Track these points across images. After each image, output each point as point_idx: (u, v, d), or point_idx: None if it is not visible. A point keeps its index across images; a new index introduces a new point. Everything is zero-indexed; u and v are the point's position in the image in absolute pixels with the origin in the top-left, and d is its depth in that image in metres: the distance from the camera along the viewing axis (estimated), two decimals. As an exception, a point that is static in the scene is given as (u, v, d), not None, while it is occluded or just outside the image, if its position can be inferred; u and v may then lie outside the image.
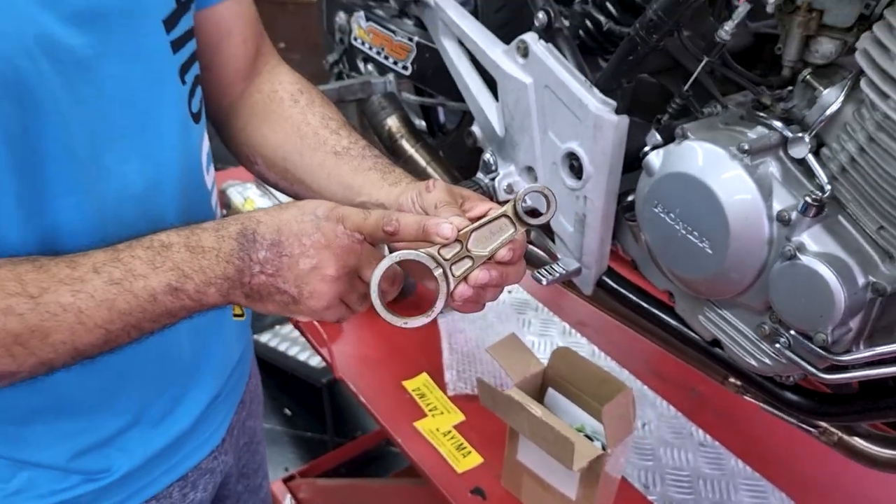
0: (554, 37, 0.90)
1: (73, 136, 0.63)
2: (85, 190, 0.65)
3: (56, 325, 0.58)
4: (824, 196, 0.71)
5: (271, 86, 0.84)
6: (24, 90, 0.58)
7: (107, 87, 0.64)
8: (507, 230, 0.62)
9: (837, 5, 0.71)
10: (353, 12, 1.28)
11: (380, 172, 0.76)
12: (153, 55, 0.68)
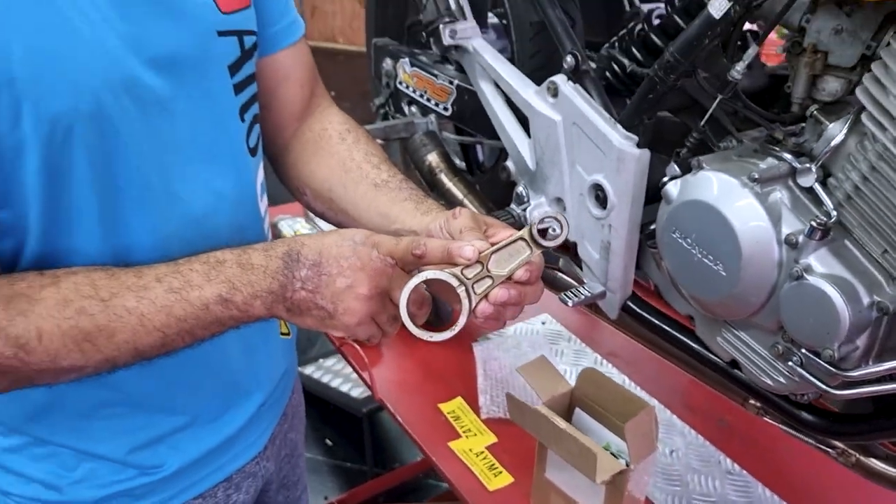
0: (581, 78, 0.98)
1: (147, 164, 0.71)
2: (155, 212, 0.74)
3: (121, 326, 0.66)
4: (830, 221, 0.76)
5: (321, 125, 0.93)
6: (107, 123, 0.67)
7: (178, 122, 0.73)
8: (523, 252, 0.69)
9: (840, 47, 0.77)
10: (398, 59, 1.38)
11: (414, 203, 0.83)
12: (218, 96, 0.77)
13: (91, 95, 0.65)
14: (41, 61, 0.62)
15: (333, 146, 0.91)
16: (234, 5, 0.76)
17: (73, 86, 0.64)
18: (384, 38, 1.49)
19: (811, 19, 0.78)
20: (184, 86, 0.72)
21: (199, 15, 0.73)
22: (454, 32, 1.13)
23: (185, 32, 0.72)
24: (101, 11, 0.65)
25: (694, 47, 0.84)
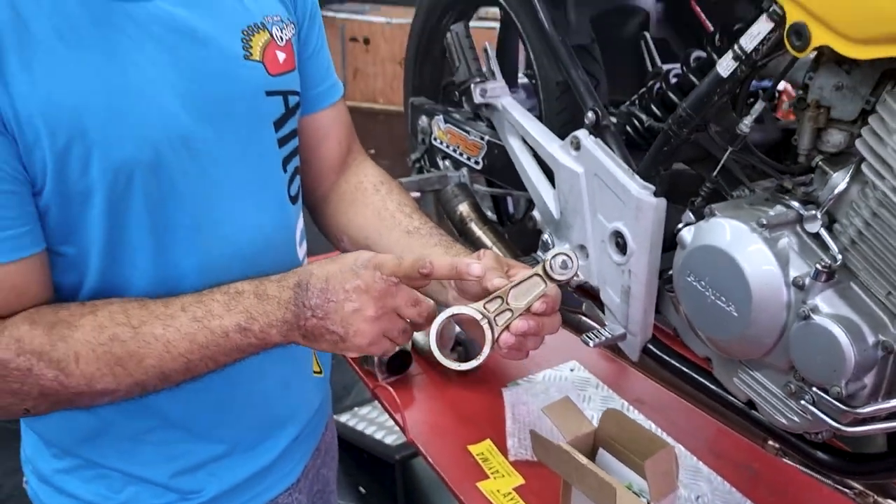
0: (602, 132, 1.04)
1: (198, 207, 0.79)
2: (204, 252, 0.80)
3: (149, 352, 0.72)
4: (835, 264, 0.80)
5: (357, 178, 1.00)
6: (164, 171, 0.75)
7: (227, 170, 0.80)
8: (539, 286, 0.75)
9: (842, 102, 0.82)
10: (433, 116, 1.47)
11: (443, 248, 0.89)
12: (264, 148, 0.84)
13: (151, 147, 0.73)
14: (109, 118, 0.70)
15: (368, 197, 0.98)
16: (280, 68, 0.84)
17: (136, 139, 0.72)
18: (420, 98, 1.58)
19: (813, 77, 0.83)
20: (234, 139, 0.80)
21: (250, 77, 0.81)
22: (484, 91, 1.21)
23: (237, 92, 0.79)
24: (163, 74, 0.73)
25: (704, 103, 0.90)
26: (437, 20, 1.54)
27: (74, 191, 0.71)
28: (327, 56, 0.97)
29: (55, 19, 0.68)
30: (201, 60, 0.76)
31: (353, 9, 5.11)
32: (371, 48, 5.05)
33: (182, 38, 0.75)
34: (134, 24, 0.72)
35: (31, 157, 0.69)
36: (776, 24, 0.81)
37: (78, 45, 0.69)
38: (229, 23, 0.79)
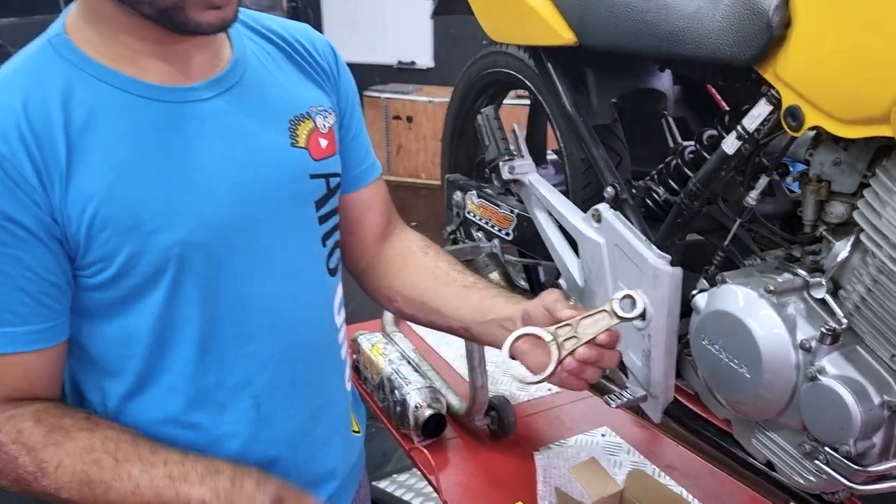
0: (621, 206, 1.12)
1: (244, 282, 0.85)
2: (246, 322, 0.86)
3: (118, 486, 0.78)
4: (839, 328, 0.85)
5: (403, 244, 1.07)
6: (214, 252, 0.82)
7: (271, 246, 0.86)
8: (606, 321, 0.82)
9: (841, 176, 0.88)
10: (467, 191, 1.56)
11: (504, 297, 0.96)
12: (306, 226, 0.91)
13: (203, 233, 0.80)
14: (164, 210, 0.78)
15: (419, 259, 1.05)
16: (323, 153, 0.92)
17: (189, 227, 0.79)
18: (455, 174, 1.68)
19: (814, 153, 0.90)
20: (279, 218, 0.87)
21: (296, 162, 0.89)
22: (512, 168, 1.30)
23: (284, 176, 0.87)
24: (216, 165, 0.81)
25: (713, 179, 0.97)
26: (471, 103, 1.65)
27: (130, 275, 0.78)
28: (366, 139, 1.06)
29: (123, 123, 0.77)
30: (252, 151, 0.84)
31: (396, 89, 5.34)
32: (414, 126, 5.25)
33: (235, 131, 0.83)
34: (193, 121, 0.80)
35: (89, 248, 0.76)
36: (774, 106, 0.88)
37: (141, 145, 0.77)
38: (278, 115, 0.87)
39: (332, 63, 0.97)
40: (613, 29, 1.07)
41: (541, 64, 1.29)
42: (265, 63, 0.89)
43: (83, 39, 0.78)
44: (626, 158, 1.33)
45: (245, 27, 0.90)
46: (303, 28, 0.97)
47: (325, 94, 0.94)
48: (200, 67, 0.82)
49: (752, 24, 0.86)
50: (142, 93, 0.78)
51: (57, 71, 0.76)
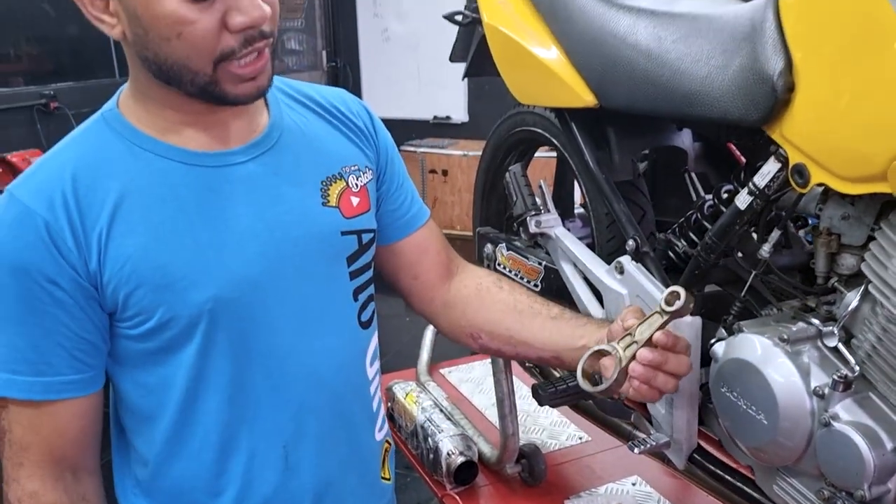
0: (642, 258, 1.16)
1: (275, 336, 0.90)
2: (278, 375, 0.91)
3: None
4: (852, 375, 0.88)
5: (474, 280, 1.10)
6: (246, 307, 0.87)
7: (303, 303, 0.91)
8: (658, 321, 0.86)
9: (850, 230, 0.92)
10: (497, 244, 1.63)
11: (595, 324, 1.00)
12: (337, 281, 0.96)
13: (234, 289, 0.86)
14: (196, 269, 0.83)
15: (495, 294, 1.08)
16: (355, 211, 0.96)
17: (221, 285, 0.85)
18: (486, 227, 1.74)
19: (823, 208, 0.94)
20: (310, 275, 0.92)
21: (327, 221, 0.93)
22: (539, 223, 1.36)
23: (314, 234, 0.92)
24: (248, 226, 0.87)
25: (727, 232, 1.02)
26: (501, 160, 1.73)
27: (166, 329, 0.84)
28: (412, 186, 1.10)
29: (163, 188, 0.84)
30: (282, 211, 0.89)
31: (432, 144, 5.48)
32: (449, 179, 5.36)
33: (267, 192, 0.89)
34: (228, 184, 0.86)
35: (127, 304, 0.83)
36: (782, 164, 0.93)
37: (178, 208, 0.84)
38: (310, 176, 0.93)
39: (368, 122, 1.03)
40: (631, 92, 1.13)
41: (565, 123, 1.36)
42: (301, 127, 0.95)
43: (132, 114, 0.86)
44: (650, 212, 1.39)
45: (283, 94, 0.97)
46: (338, 92, 1.04)
47: (361, 152, 0.99)
48: (238, 133, 0.89)
49: (758, 89, 0.92)
50: (182, 159, 0.85)
51: (107, 142, 0.84)
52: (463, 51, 1.69)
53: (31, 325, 0.81)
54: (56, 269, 0.80)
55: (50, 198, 0.80)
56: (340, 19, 5.85)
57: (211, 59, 0.78)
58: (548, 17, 1.32)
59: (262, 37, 0.80)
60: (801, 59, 0.88)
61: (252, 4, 0.77)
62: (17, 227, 0.80)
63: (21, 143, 3.55)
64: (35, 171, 0.84)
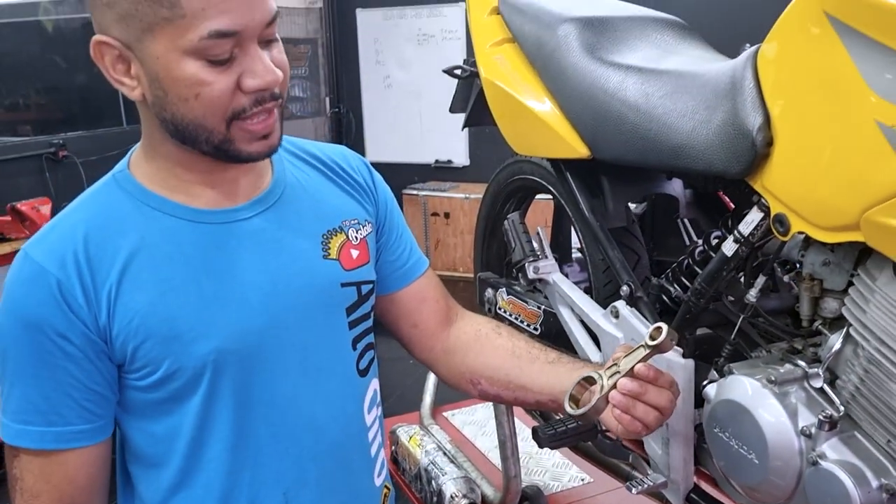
0: (636, 303, 1.21)
1: (276, 384, 0.92)
2: (279, 422, 0.93)
3: None
4: (837, 415, 0.91)
5: (473, 327, 1.13)
6: (248, 357, 0.90)
7: (304, 352, 0.94)
8: (641, 352, 0.89)
9: (831, 275, 0.97)
10: (498, 289, 1.67)
11: (591, 368, 1.00)
12: (336, 331, 0.98)
13: (237, 341, 0.89)
14: (201, 321, 0.87)
15: (494, 340, 1.10)
16: (354, 263, 0.98)
17: (224, 336, 0.88)
18: (487, 273, 1.79)
19: (805, 254, 0.99)
20: (310, 325, 0.95)
21: (327, 273, 0.95)
22: (537, 269, 1.41)
23: (315, 286, 0.95)
24: (251, 278, 0.90)
25: (715, 278, 1.06)
26: (500, 207, 1.78)
27: (172, 380, 0.87)
28: (411, 237, 1.14)
29: (171, 245, 0.87)
30: (284, 264, 0.93)
31: (433, 187, 5.56)
32: (451, 221, 5.43)
33: (270, 246, 0.92)
34: (233, 239, 0.90)
35: (135, 357, 0.86)
36: (764, 213, 0.98)
37: (184, 264, 0.87)
38: (311, 230, 0.97)
39: (367, 177, 1.07)
40: (622, 144, 1.19)
41: (560, 172, 1.42)
42: (303, 182, 0.99)
43: (143, 174, 0.90)
44: (644, 257, 1.44)
45: (286, 152, 1.01)
46: (338, 149, 1.08)
47: (361, 206, 1.03)
48: (244, 190, 0.93)
49: (740, 143, 0.98)
50: (190, 217, 0.89)
51: (117, 202, 0.89)
52: (462, 102, 1.76)
53: (44, 377, 0.85)
54: (67, 325, 0.84)
55: (62, 257, 0.84)
56: (343, 67, 5.99)
57: (224, 118, 0.82)
58: (542, 73, 1.39)
59: (272, 98, 0.84)
60: (778, 116, 0.94)
61: (266, 69, 0.82)
62: (31, 284, 0.84)
63: (30, 192, 3.62)
64: (49, 231, 0.88)
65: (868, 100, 0.80)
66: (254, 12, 0.79)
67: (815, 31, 0.87)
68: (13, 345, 0.85)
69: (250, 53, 0.81)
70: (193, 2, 0.76)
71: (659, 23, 1.38)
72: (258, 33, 0.81)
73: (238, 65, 0.81)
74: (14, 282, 0.85)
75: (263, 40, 0.82)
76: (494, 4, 1.58)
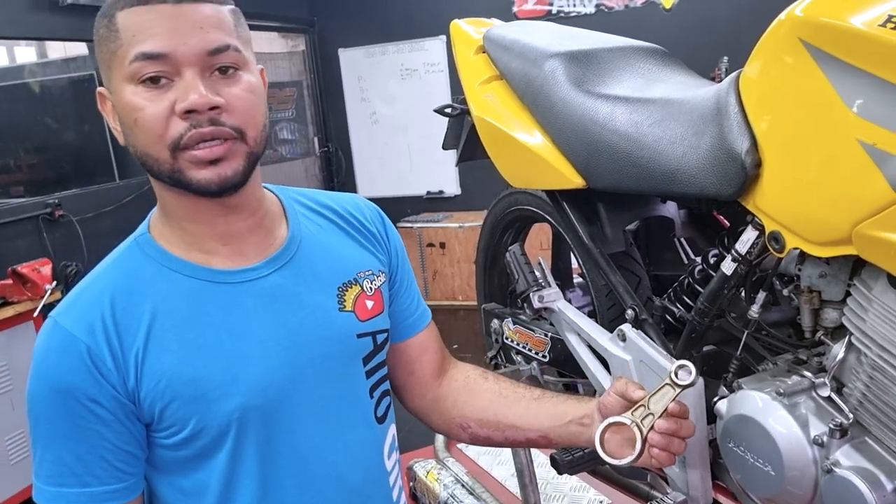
0: (642, 325, 1.24)
1: (298, 435, 0.95)
2: (302, 472, 0.95)
3: None
4: (847, 422, 0.94)
5: (463, 375, 1.16)
6: (270, 411, 0.92)
7: (323, 403, 0.96)
8: (670, 393, 0.92)
9: (828, 287, 1.00)
10: (503, 319, 1.70)
11: (574, 400, 1.05)
12: (354, 380, 1.01)
13: (260, 396, 0.91)
14: (225, 380, 0.89)
15: (482, 384, 1.13)
16: (369, 314, 1.00)
17: (247, 393, 0.90)
18: (491, 304, 1.82)
19: (802, 268, 1.02)
20: (328, 376, 0.97)
21: (343, 325, 0.97)
22: (542, 298, 1.44)
23: (332, 338, 0.97)
24: (270, 334, 0.93)
25: (717, 297, 1.10)
26: (499, 237, 1.82)
27: (199, 437, 0.90)
28: (416, 290, 1.17)
29: (192, 306, 0.90)
30: (302, 318, 0.95)
31: (428, 218, 5.60)
32: (447, 251, 5.47)
33: (288, 301, 0.95)
34: (251, 298, 0.93)
35: (162, 417, 0.88)
36: (759, 231, 1.02)
37: (206, 324, 0.90)
38: (327, 284, 0.99)
39: (381, 227, 1.10)
40: (616, 173, 1.23)
41: (556, 202, 1.45)
42: (318, 236, 1.02)
43: (160, 234, 0.93)
44: (645, 278, 1.47)
45: (300, 205, 1.04)
46: (351, 198, 1.11)
47: (374, 256, 1.06)
48: (256, 247, 0.95)
49: (729, 166, 1.02)
50: (208, 278, 0.91)
51: (140, 266, 0.91)
52: (454, 139, 1.81)
53: (77, 441, 0.87)
54: (98, 390, 0.86)
55: (91, 324, 0.87)
56: (329, 106, 6.07)
57: (165, 145, 0.84)
58: (532, 108, 1.43)
59: (211, 123, 0.84)
60: (764, 137, 0.98)
61: (193, 90, 0.82)
62: (62, 352, 0.86)
63: (29, 253, 3.64)
64: (76, 298, 0.90)
65: (848, 119, 0.84)
66: (185, 37, 0.82)
67: (791, 57, 0.92)
68: (46, 410, 0.87)
69: (185, 79, 0.82)
70: (128, 31, 0.82)
71: (641, 52, 1.43)
72: (195, 61, 0.82)
73: (173, 91, 0.82)
74: (45, 349, 0.87)
75: (211, 71, 0.83)
76: (480, 43, 1.63)
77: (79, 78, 4.59)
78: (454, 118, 1.75)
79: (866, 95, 0.83)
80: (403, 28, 5.56)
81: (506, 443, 1.11)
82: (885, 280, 0.89)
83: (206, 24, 0.83)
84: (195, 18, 0.83)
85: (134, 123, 0.83)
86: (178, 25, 0.82)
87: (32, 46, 4.54)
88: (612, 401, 0.96)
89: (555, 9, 5.06)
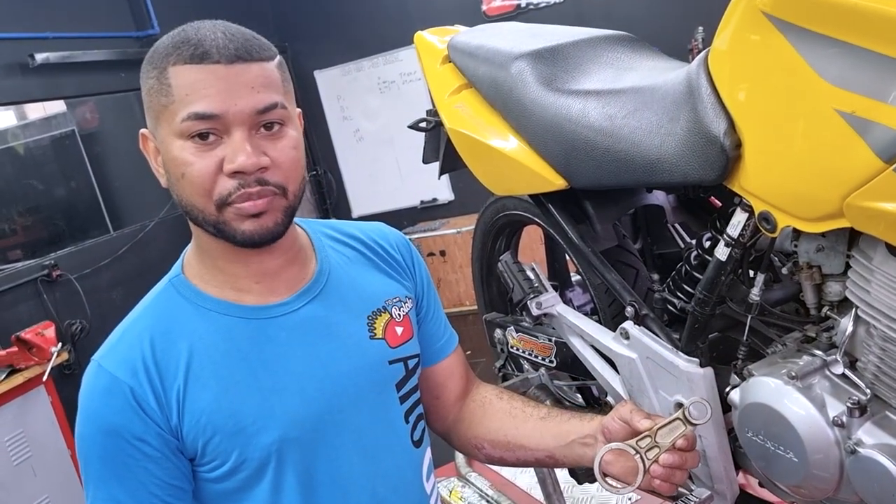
0: (644, 320, 1.21)
1: (336, 464, 0.95)
2: (342, 499, 0.96)
3: None
4: (865, 398, 0.91)
5: (481, 395, 1.17)
6: (309, 446, 0.93)
7: (359, 431, 0.97)
8: (680, 428, 0.89)
9: (827, 260, 0.97)
10: (506, 328, 1.67)
11: (578, 418, 1.04)
12: (388, 407, 1.01)
13: (297, 428, 0.92)
14: (262, 414, 0.90)
15: (496, 405, 1.14)
16: (399, 340, 1.02)
17: (285, 425, 0.91)
18: (492, 313, 1.79)
19: (798, 244, 0.99)
20: (363, 404, 0.98)
21: (375, 352, 0.99)
22: (540, 304, 1.41)
23: (364, 366, 0.98)
24: (305, 367, 0.93)
25: (715, 284, 1.06)
26: (492, 244, 1.79)
27: (240, 470, 0.91)
28: (443, 315, 1.17)
29: (227, 342, 0.92)
30: (334, 349, 0.96)
31: (424, 227, 5.57)
32: (448, 258, 5.43)
33: (319, 333, 0.96)
34: (283, 331, 0.94)
35: (205, 451, 0.90)
36: (749, 213, 0.99)
37: (241, 360, 0.91)
38: (357, 312, 1.00)
39: (407, 255, 1.11)
40: (596, 170, 1.20)
41: (542, 205, 1.42)
42: (345, 267, 1.03)
43: (195, 274, 0.95)
44: (642, 269, 1.44)
45: (327, 237, 1.05)
46: (377, 227, 1.12)
47: (401, 284, 1.07)
48: (288, 283, 0.96)
49: (709, 150, 0.98)
50: (242, 314, 0.94)
51: (176, 306, 0.94)
52: (433, 152, 1.78)
53: (128, 478, 0.89)
54: (144, 429, 0.88)
55: (133, 366, 0.89)
56: (313, 129, 6.04)
57: (211, 200, 0.86)
58: (504, 113, 1.40)
59: (259, 183, 0.86)
60: (741, 117, 0.94)
61: (242, 152, 0.84)
62: (107, 394, 0.89)
63: (31, 317, 3.63)
64: (117, 342, 0.92)
65: (823, 90, 0.81)
66: (236, 99, 0.83)
67: (756, 32, 0.88)
68: (95, 451, 0.89)
69: (234, 138, 0.84)
70: (181, 89, 0.83)
71: (608, 41, 1.40)
72: (245, 120, 0.84)
73: (222, 149, 0.85)
74: (90, 392, 0.90)
75: (257, 128, 0.86)
76: (445, 53, 1.60)
77: (60, 135, 4.58)
78: (429, 132, 1.72)
79: (839, 63, 0.80)
80: (375, 41, 5.54)
81: (518, 463, 1.10)
82: (885, 249, 0.86)
83: (256, 83, 0.85)
84: (247, 79, 0.84)
85: (182, 177, 0.86)
86: (230, 87, 0.83)
87: (11, 110, 4.52)
88: (617, 427, 0.94)
89: (524, 2, 5.03)
